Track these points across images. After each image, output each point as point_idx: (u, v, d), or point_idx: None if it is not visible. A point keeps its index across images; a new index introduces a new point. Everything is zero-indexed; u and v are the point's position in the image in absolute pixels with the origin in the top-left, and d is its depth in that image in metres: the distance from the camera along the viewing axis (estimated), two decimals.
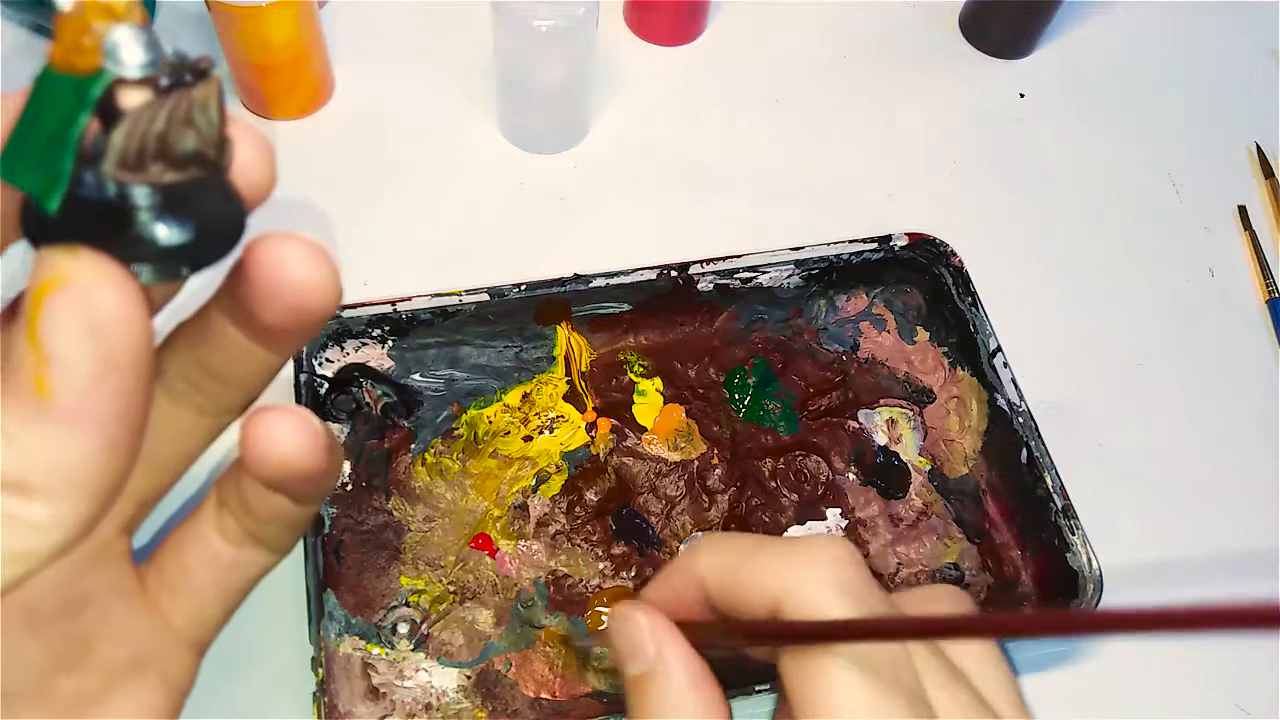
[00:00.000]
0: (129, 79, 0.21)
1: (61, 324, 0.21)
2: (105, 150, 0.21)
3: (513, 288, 0.68)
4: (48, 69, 0.21)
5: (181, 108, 0.21)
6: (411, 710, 0.59)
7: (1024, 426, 0.67)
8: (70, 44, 0.21)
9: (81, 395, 0.21)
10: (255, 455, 0.27)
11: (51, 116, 0.21)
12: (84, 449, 0.22)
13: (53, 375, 0.21)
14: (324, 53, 0.80)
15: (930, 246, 0.72)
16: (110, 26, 0.21)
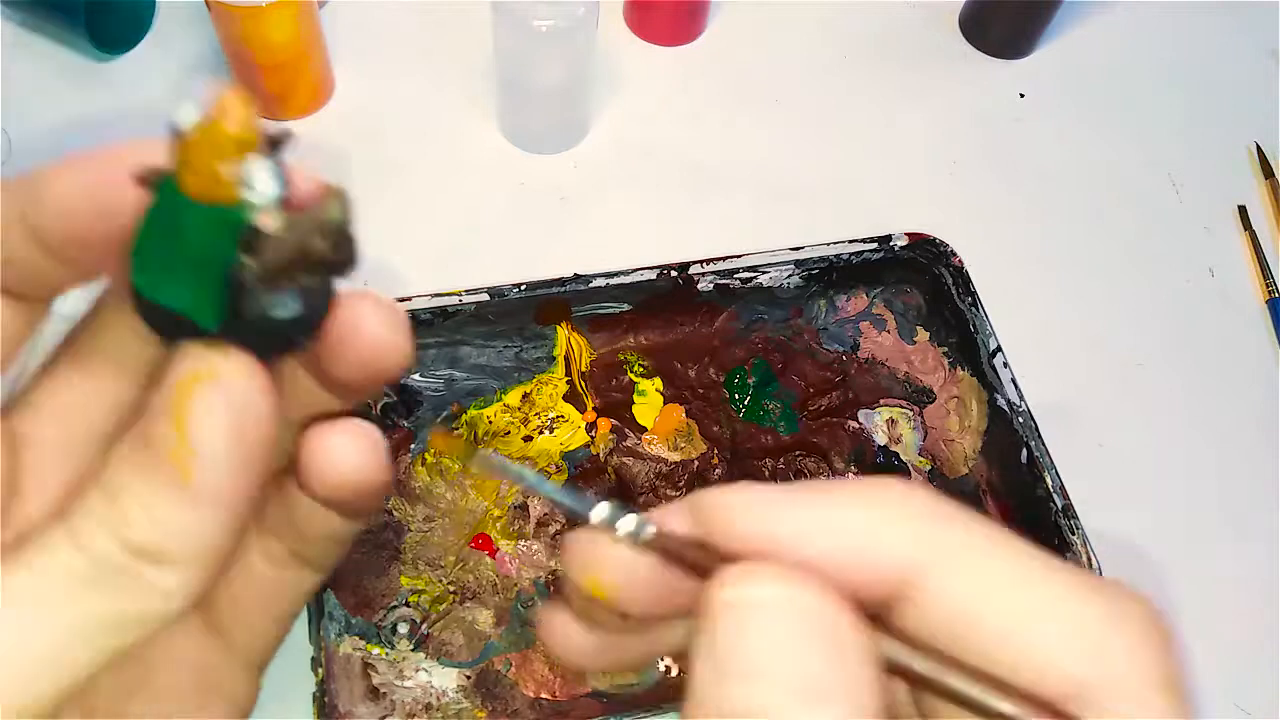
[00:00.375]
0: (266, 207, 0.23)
1: (208, 417, 0.23)
2: (248, 269, 0.23)
3: (513, 288, 0.68)
4: (180, 196, 0.23)
5: (314, 221, 0.23)
6: (411, 710, 0.59)
7: (1024, 426, 0.67)
8: (205, 175, 0.22)
9: (219, 479, 0.24)
10: (316, 470, 0.28)
11: (194, 242, 0.23)
12: (213, 524, 0.24)
13: (195, 463, 0.23)
14: (324, 53, 0.80)
15: (930, 246, 0.72)
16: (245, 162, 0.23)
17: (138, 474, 0.24)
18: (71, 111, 0.80)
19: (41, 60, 0.82)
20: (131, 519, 0.23)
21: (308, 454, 0.28)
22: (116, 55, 0.83)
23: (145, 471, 0.23)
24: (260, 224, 0.23)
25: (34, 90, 0.81)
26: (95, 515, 0.24)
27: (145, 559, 0.24)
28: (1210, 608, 0.68)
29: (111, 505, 0.24)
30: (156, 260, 0.23)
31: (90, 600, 0.24)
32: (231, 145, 0.22)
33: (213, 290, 0.23)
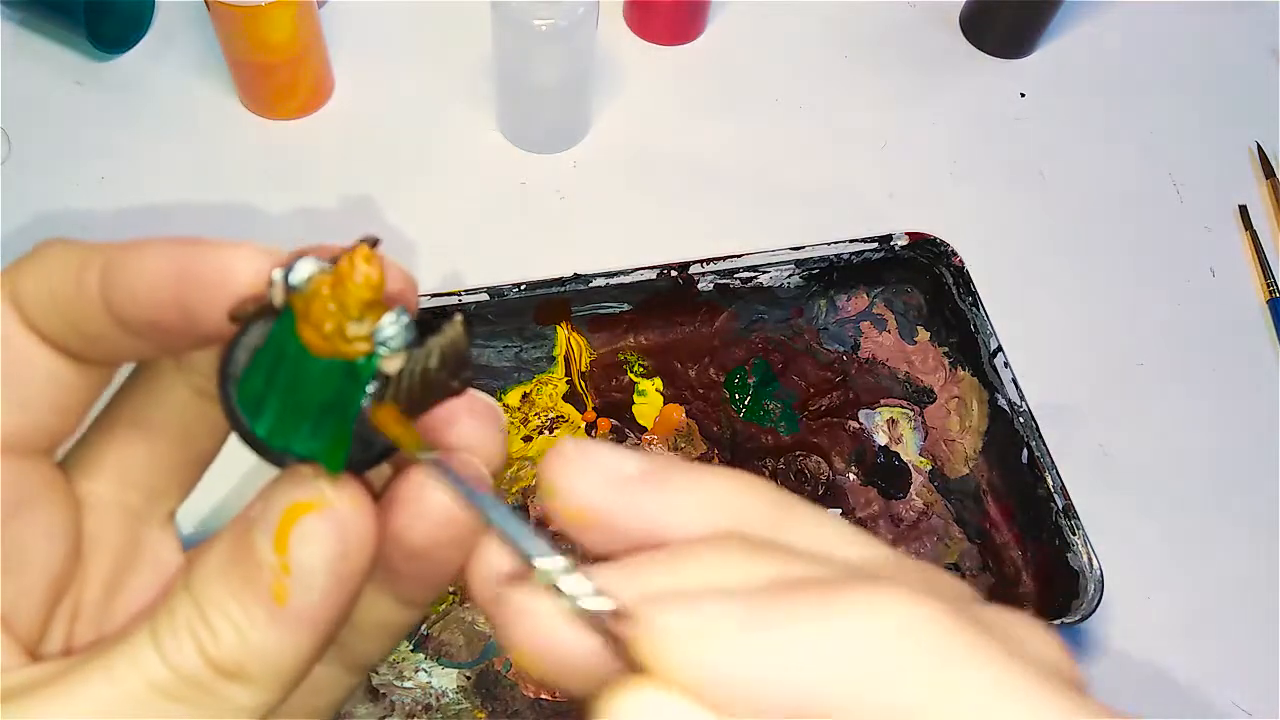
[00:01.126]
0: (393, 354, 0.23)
1: (315, 544, 0.23)
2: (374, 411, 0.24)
3: (512, 287, 0.68)
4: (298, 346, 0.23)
5: (435, 356, 0.24)
6: (411, 711, 0.59)
7: (1025, 426, 0.67)
8: (331, 332, 0.23)
9: (313, 606, 0.23)
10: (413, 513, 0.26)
11: (319, 392, 0.23)
12: (300, 647, 0.24)
13: (292, 586, 0.23)
14: (323, 52, 0.80)
15: (931, 246, 0.72)
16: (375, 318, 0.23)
17: (231, 591, 0.23)
18: (71, 111, 0.80)
19: (41, 60, 0.82)
20: (220, 636, 0.23)
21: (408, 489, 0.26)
22: (116, 55, 0.83)
23: (239, 590, 0.23)
24: (385, 368, 0.23)
25: (34, 90, 0.81)
26: (183, 627, 0.24)
27: (228, 677, 0.23)
28: (1210, 607, 0.68)
29: (200, 619, 0.24)
30: (274, 407, 0.24)
31: (163, 712, 0.23)
32: (360, 307, 0.23)
33: (340, 436, 0.23)
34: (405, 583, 0.28)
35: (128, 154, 0.79)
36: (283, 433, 0.24)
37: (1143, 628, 0.67)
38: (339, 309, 0.23)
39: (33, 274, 0.25)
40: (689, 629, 0.20)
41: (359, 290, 0.23)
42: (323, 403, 0.23)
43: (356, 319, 0.23)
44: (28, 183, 0.76)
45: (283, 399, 0.23)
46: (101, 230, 0.74)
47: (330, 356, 0.23)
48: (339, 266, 0.23)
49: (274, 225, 0.76)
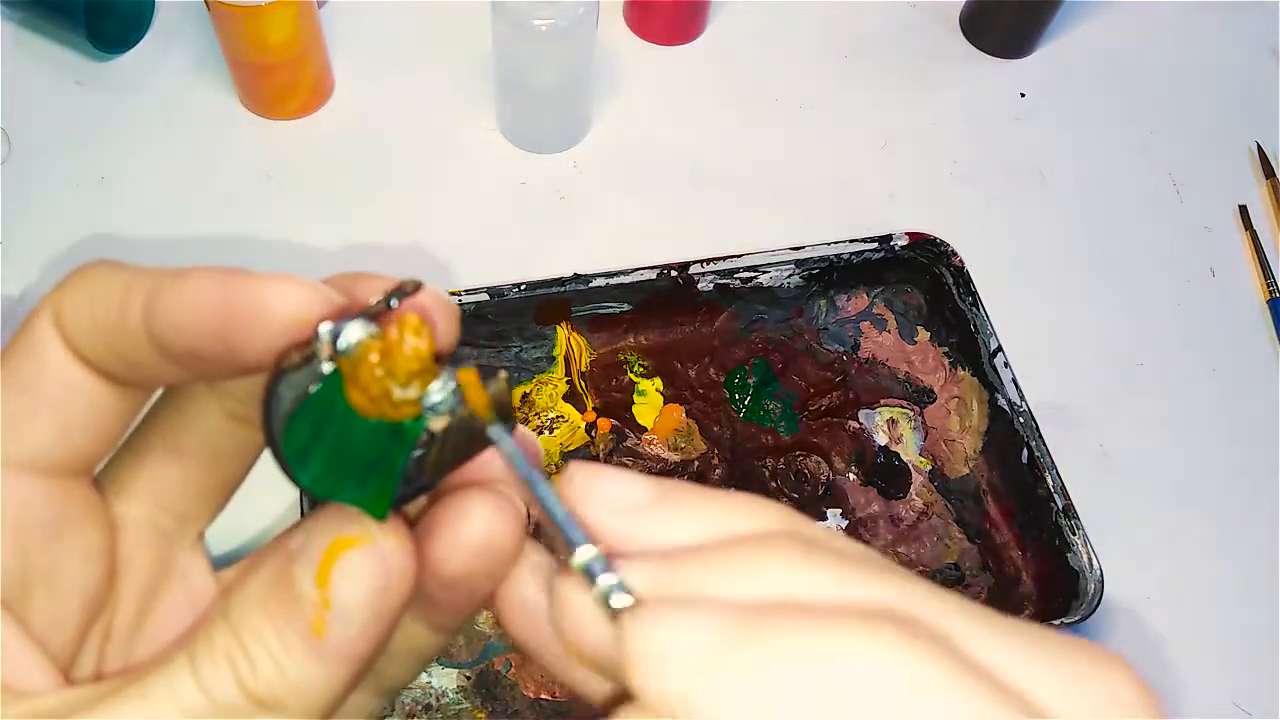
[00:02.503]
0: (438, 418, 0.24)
1: (357, 581, 0.23)
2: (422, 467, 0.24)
3: (512, 288, 0.68)
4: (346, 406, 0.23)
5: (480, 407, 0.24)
6: (411, 711, 0.59)
7: (1025, 426, 0.67)
8: (378, 395, 0.23)
9: (352, 640, 0.23)
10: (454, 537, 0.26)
11: (365, 449, 0.23)
12: (335, 681, 0.24)
13: (332, 620, 0.23)
14: (323, 52, 0.80)
15: (931, 246, 0.72)
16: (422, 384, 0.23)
17: (270, 623, 0.24)
18: (71, 111, 0.80)
19: (41, 60, 0.82)
20: (259, 668, 0.23)
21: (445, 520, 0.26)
22: (116, 55, 0.83)
23: (279, 622, 0.23)
24: (434, 429, 0.23)
25: (34, 90, 0.81)
26: (221, 657, 0.24)
27: (263, 708, 0.23)
28: (1210, 607, 0.68)
29: (239, 649, 0.24)
30: (320, 460, 0.24)
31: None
32: (408, 373, 0.23)
33: (385, 488, 0.24)
34: (438, 610, 0.28)
35: (128, 154, 0.79)
36: (327, 485, 0.24)
37: (1143, 628, 0.67)
38: (386, 374, 0.23)
39: (75, 297, 0.25)
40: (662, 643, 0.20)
41: (407, 362, 0.23)
42: (369, 460, 0.23)
43: (404, 385, 0.23)
44: (28, 183, 0.76)
45: (329, 453, 0.24)
46: (102, 231, 0.74)
47: (377, 418, 0.23)
48: (387, 335, 0.23)
49: (274, 225, 0.76)
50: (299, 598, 0.23)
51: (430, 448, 0.24)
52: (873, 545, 0.68)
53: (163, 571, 0.29)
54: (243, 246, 0.75)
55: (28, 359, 0.26)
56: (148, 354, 0.25)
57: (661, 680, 0.20)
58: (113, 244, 0.74)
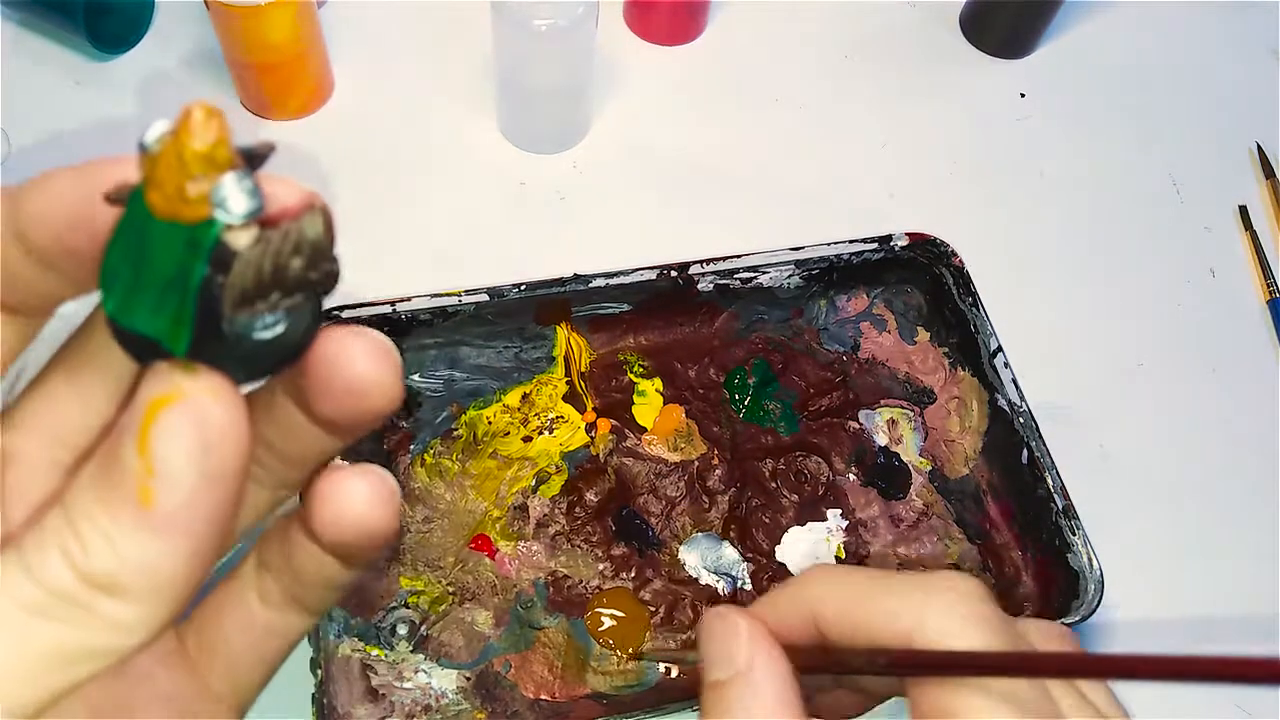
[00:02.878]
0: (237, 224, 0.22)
1: (173, 440, 0.22)
2: (221, 291, 0.22)
3: (512, 288, 0.67)
4: (147, 214, 0.22)
5: (291, 239, 0.22)
6: (411, 712, 0.59)
7: (1025, 427, 0.67)
8: (172, 193, 0.21)
9: (182, 507, 0.22)
10: (326, 517, 0.27)
11: (162, 263, 0.22)
12: (176, 556, 0.22)
13: (158, 487, 0.22)
14: (323, 52, 0.80)
15: (931, 246, 0.72)
16: (214, 178, 0.21)
17: (98, 500, 0.22)
18: (71, 111, 0.80)
19: (41, 60, 0.82)
20: (89, 547, 0.22)
21: (318, 498, 0.27)
22: (115, 55, 0.83)
23: (106, 497, 0.22)
24: (231, 242, 0.21)
25: (33, 90, 0.81)
26: (51, 541, 0.23)
27: (102, 590, 0.22)
28: (1210, 607, 0.68)
29: (70, 531, 0.22)
30: (124, 282, 0.22)
31: (39, 632, 0.23)
32: (199, 162, 0.21)
33: (182, 313, 0.22)
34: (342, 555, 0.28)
35: (128, 154, 0.78)
36: (126, 308, 0.22)
37: (1143, 628, 0.67)
38: (178, 167, 0.21)
39: None
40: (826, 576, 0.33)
41: (196, 147, 0.21)
42: (165, 275, 0.22)
43: (195, 178, 0.21)
44: None
45: (132, 272, 0.22)
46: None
47: (171, 220, 0.21)
48: (178, 122, 0.21)
49: None
50: (123, 469, 0.22)
51: (233, 270, 0.21)
52: (873, 546, 0.68)
53: None
54: None
55: None
56: (19, 260, 0.24)
57: None
58: None
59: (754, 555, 0.66)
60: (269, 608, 0.30)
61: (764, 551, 0.67)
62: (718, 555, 0.66)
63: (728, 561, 0.66)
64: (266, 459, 0.28)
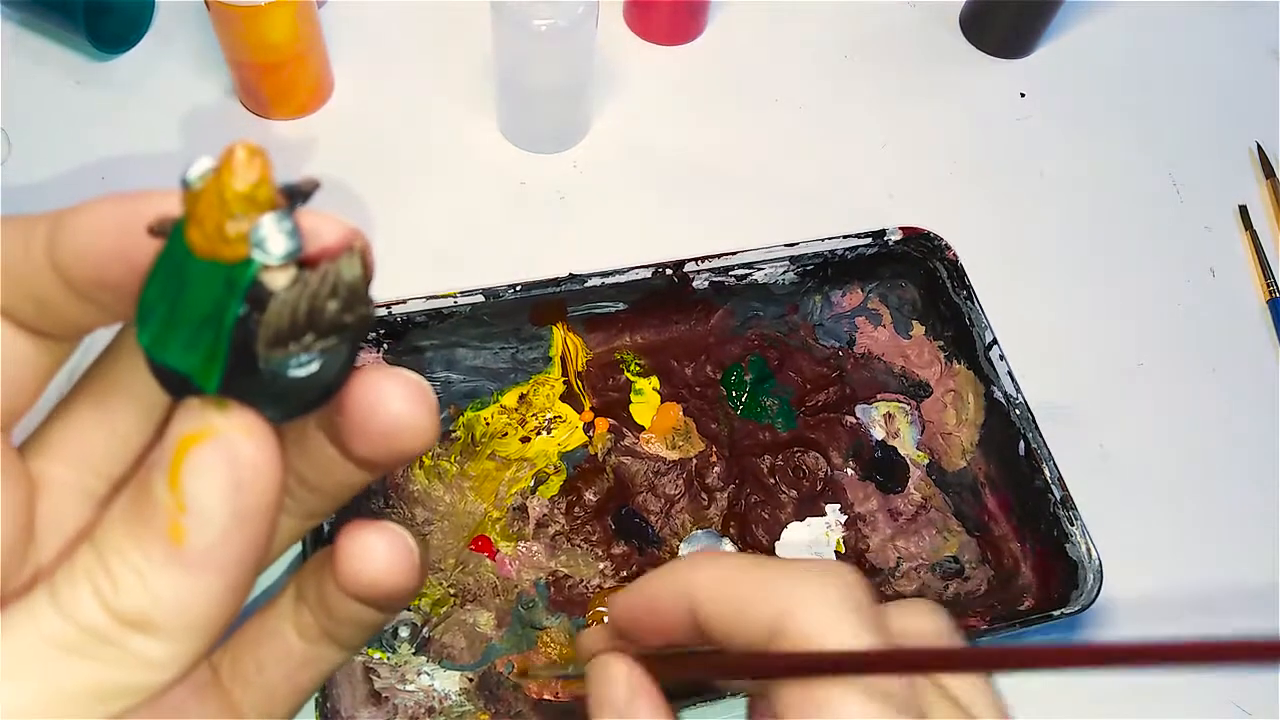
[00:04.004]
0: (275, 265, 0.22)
1: (205, 477, 0.22)
2: (255, 331, 0.22)
3: (508, 288, 0.67)
4: (186, 250, 0.22)
5: (328, 281, 0.22)
6: (414, 714, 0.59)
7: (1021, 418, 0.67)
8: (211, 231, 0.21)
9: (214, 545, 0.22)
10: (348, 571, 0.27)
11: (199, 300, 0.22)
12: (208, 593, 0.22)
13: (189, 524, 0.22)
14: (323, 52, 0.80)
15: (924, 240, 0.72)
16: (254, 218, 0.21)
17: (129, 536, 0.22)
18: (71, 111, 0.80)
19: (41, 60, 0.82)
20: (121, 584, 0.22)
21: (341, 554, 0.27)
22: (115, 54, 0.83)
23: (137, 533, 0.22)
24: (268, 282, 0.21)
25: (33, 90, 0.81)
26: (83, 578, 0.23)
27: (134, 628, 0.22)
28: (1210, 607, 0.68)
29: (100, 568, 0.22)
30: (160, 316, 0.22)
31: (69, 670, 0.22)
32: (240, 202, 0.21)
33: (216, 351, 0.22)
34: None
35: (128, 154, 0.79)
36: (161, 342, 0.22)
37: (1143, 628, 0.67)
38: (218, 206, 0.21)
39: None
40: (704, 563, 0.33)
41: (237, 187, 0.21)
42: (201, 312, 0.22)
43: (235, 218, 0.21)
44: (28, 183, 0.76)
45: (169, 307, 0.22)
46: None
47: (210, 258, 0.21)
48: (221, 159, 0.21)
49: None
50: (155, 505, 0.22)
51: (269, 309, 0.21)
52: (872, 539, 0.68)
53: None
54: None
55: None
56: (55, 289, 0.24)
57: None
58: None
59: (754, 551, 0.66)
60: (305, 640, 0.30)
61: (764, 547, 0.67)
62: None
63: None
64: (297, 490, 0.28)
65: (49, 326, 0.26)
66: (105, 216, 0.23)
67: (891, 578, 0.66)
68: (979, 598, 0.66)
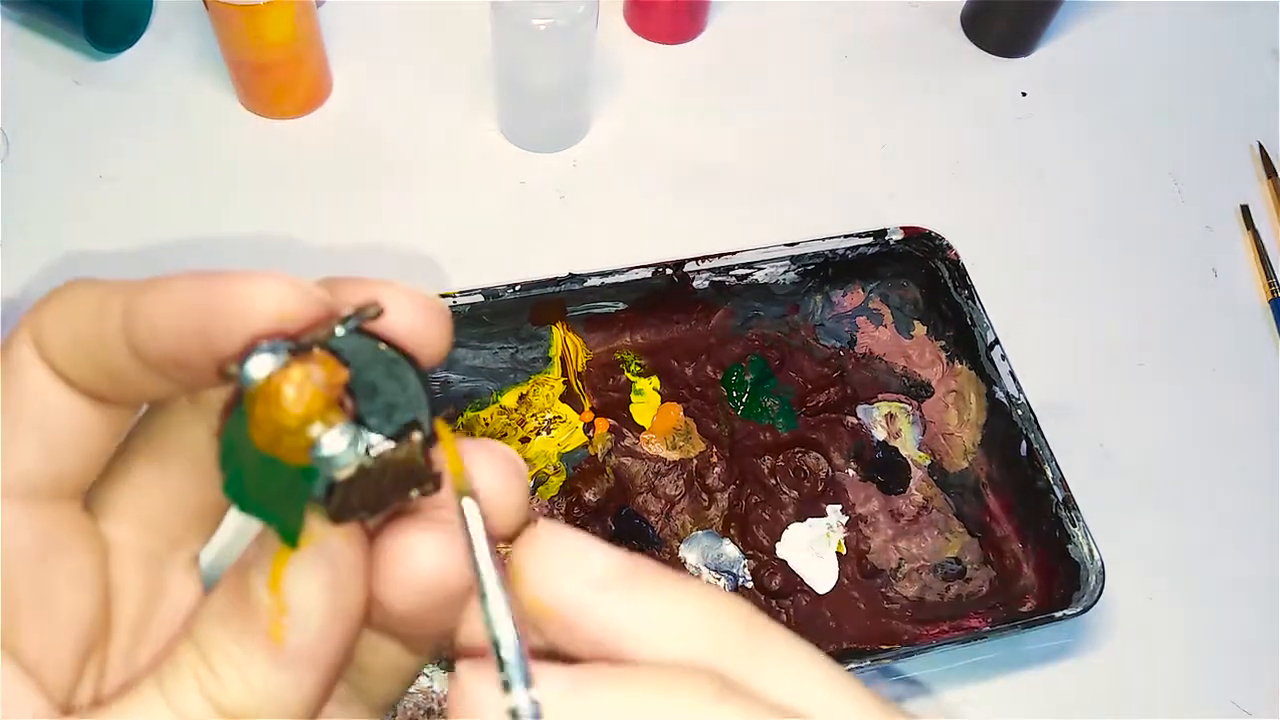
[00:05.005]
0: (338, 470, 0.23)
1: (305, 582, 0.23)
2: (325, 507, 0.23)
3: (507, 288, 0.67)
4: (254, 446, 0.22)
5: (390, 470, 0.23)
6: (413, 715, 0.59)
7: (1023, 419, 0.66)
8: (271, 438, 0.22)
9: (312, 644, 0.23)
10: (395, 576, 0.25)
11: (270, 480, 0.23)
12: (303, 687, 0.24)
13: (290, 624, 0.23)
14: (322, 51, 0.80)
15: (926, 240, 0.72)
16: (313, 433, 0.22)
17: (231, 635, 0.24)
18: (70, 110, 0.80)
19: (40, 59, 0.82)
20: (225, 681, 0.23)
21: (386, 558, 0.25)
22: (114, 54, 0.83)
23: (239, 632, 0.23)
24: (337, 478, 0.22)
25: (33, 89, 0.81)
26: (188, 674, 0.24)
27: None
28: (1210, 607, 0.68)
29: (204, 665, 0.24)
30: (238, 475, 0.23)
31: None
32: (294, 426, 0.22)
33: (292, 520, 0.23)
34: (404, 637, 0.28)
35: (127, 153, 0.79)
36: (244, 500, 0.23)
37: (1143, 628, 0.67)
38: (275, 419, 0.22)
39: (54, 314, 0.25)
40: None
41: (288, 416, 0.22)
42: (275, 490, 0.23)
43: (291, 433, 0.22)
44: (27, 182, 0.76)
45: (244, 471, 0.23)
46: (101, 231, 0.75)
47: (271, 454, 0.22)
48: (270, 383, 0.21)
49: (272, 224, 0.76)
50: (255, 606, 0.23)
51: (336, 493, 0.23)
52: (873, 540, 0.67)
53: (156, 596, 0.28)
54: (241, 245, 0.75)
55: (7, 381, 0.25)
56: (128, 364, 0.24)
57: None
58: (112, 243, 0.74)
59: (754, 552, 0.66)
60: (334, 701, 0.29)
61: (764, 548, 0.66)
62: (718, 553, 0.66)
63: (728, 559, 0.66)
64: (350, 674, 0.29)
65: (118, 396, 0.26)
66: (184, 298, 0.23)
67: (893, 579, 0.66)
68: (981, 599, 0.66)
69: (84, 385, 0.25)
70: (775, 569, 0.66)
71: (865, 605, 0.65)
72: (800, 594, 0.65)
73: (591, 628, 0.23)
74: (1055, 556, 0.64)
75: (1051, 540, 0.64)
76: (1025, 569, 0.66)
